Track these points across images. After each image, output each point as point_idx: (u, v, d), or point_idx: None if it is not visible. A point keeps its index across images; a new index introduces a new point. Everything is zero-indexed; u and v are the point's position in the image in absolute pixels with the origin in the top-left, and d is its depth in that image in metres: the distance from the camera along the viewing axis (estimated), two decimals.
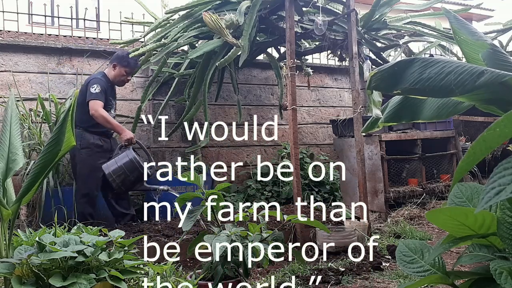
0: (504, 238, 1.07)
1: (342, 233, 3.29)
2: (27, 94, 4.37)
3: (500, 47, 1.38)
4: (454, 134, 4.98)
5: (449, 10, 1.54)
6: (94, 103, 3.67)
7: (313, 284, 2.58)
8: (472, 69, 1.07)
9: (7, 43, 4.38)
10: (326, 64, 6.11)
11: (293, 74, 3.50)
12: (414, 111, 1.45)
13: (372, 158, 4.48)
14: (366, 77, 3.58)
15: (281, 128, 5.66)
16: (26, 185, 1.98)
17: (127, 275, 1.90)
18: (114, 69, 3.88)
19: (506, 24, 4.95)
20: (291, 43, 3.50)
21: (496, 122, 0.85)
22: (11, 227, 2.00)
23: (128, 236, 3.07)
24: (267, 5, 3.91)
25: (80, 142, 3.68)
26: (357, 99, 3.70)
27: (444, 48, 5.30)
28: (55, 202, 3.79)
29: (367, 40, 4.44)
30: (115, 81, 3.93)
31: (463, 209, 1.09)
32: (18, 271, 1.77)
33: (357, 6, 3.95)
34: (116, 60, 3.90)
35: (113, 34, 5.13)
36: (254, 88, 5.57)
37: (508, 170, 0.83)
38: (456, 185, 1.29)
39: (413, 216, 4.24)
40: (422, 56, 1.32)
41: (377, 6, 4.13)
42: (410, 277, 2.54)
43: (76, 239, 1.94)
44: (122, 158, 3.65)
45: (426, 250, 1.31)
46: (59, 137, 1.93)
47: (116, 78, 3.91)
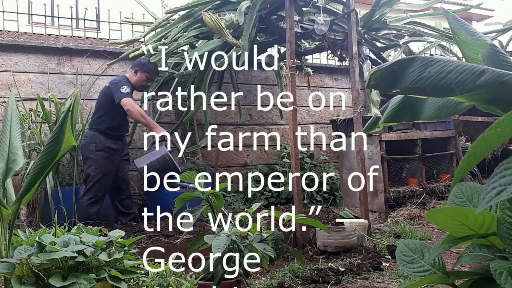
0: (504, 238, 1.07)
1: (342, 233, 3.29)
2: (27, 94, 4.37)
3: (500, 47, 1.38)
4: (454, 134, 4.98)
5: (448, 10, 1.54)
6: (128, 100, 3.75)
7: (313, 284, 2.58)
8: (473, 68, 1.07)
9: (7, 43, 4.38)
10: (326, 64, 6.11)
11: (293, 74, 3.50)
12: (414, 111, 1.44)
13: (372, 158, 4.48)
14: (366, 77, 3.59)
15: (281, 128, 5.66)
16: (26, 185, 1.98)
17: (127, 275, 1.90)
18: (135, 74, 3.97)
19: (506, 24, 4.95)
20: (291, 43, 3.50)
21: (497, 122, 0.85)
22: (11, 227, 2.00)
23: (128, 236, 3.07)
24: (267, 5, 3.91)
25: (95, 144, 3.79)
26: (357, 99, 3.70)
27: (444, 48, 5.30)
28: (55, 202, 3.78)
29: (367, 40, 4.44)
30: (136, 85, 4.01)
31: (463, 209, 1.09)
32: (18, 271, 1.77)
33: (357, 6, 3.95)
34: (138, 66, 4.00)
35: (113, 34, 5.14)
36: (254, 88, 5.57)
37: (508, 170, 0.83)
38: (456, 185, 1.29)
39: (413, 216, 4.24)
40: (422, 56, 1.32)
41: (377, 6, 4.13)
42: (410, 277, 2.54)
43: (76, 239, 1.94)
44: (154, 154, 3.68)
45: (426, 250, 1.31)
46: (59, 137, 1.92)
47: (137, 83, 3.99)
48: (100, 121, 3.85)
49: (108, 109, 3.83)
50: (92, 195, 3.73)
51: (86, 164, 3.84)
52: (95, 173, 3.76)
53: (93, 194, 3.74)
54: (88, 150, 3.80)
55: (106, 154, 3.81)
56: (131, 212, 4.02)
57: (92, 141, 3.82)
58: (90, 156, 3.79)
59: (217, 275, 1.97)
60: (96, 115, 3.90)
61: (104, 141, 3.82)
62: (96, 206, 3.74)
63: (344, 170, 4.81)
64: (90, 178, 3.76)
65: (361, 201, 3.66)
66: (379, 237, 3.61)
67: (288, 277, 2.65)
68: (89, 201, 3.72)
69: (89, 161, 3.80)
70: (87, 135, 3.90)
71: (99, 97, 3.99)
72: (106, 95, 3.86)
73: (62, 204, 3.78)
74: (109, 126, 3.85)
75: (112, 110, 3.81)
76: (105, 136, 3.83)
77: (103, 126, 3.84)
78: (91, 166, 3.78)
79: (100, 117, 3.86)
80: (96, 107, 3.99)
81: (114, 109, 3.79)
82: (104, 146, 3.81)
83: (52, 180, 3.88)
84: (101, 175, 3.77)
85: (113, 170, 3.87)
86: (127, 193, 4.06)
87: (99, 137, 3.81)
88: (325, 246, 3.27)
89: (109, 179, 3.85)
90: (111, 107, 3.81)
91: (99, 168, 3.78)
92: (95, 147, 3.78)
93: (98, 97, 4.03)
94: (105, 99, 3.86)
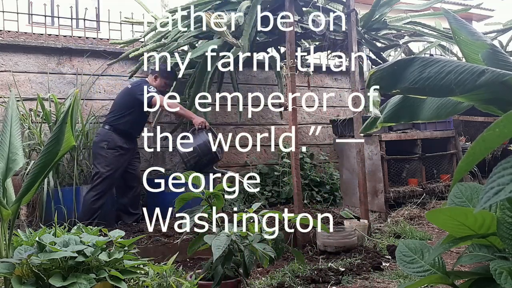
0: (504, 238, 1.07)
1: (342, 233, 3.29)
2: (27, 94, 4.37)
3: (500, 47, 1.38)
4: (454, 134, 4.98)
5: (448, 10, 1.54)
6: (160, 97, 3.82)
7: (313, 284, 2.58)
8: (473, 69, 1.07)
9: (7, 43, 4.38)
10: (326, 64, 6.11)
11: (293, 74, 3.50)
12: (413, 111, 1.44)
13: (372, 158, 4.48)
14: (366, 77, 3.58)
15: (281, 128, 5.66)
16: (26, 185, 1.98)
17: (127, 275, 1.90)
18: (155, 80, 4.04)
19: (506, 24, 4.95)
20: (291, 43, 3.50)
21: (496, 122, 0.85)
22: (11, 227, 2.00)
23: (128, 236, 3.07)
24: (267, 5, 3.91)
25: (107, 142, 3.85)
26: (357, 99, 3.70)
27: (444, 48, 5.31)
28: (55, 202, 3.79)
29: (367, 40, 4.44)
30: None
31: (463, 209, 1.09)
32: (18, 271, 1.77)
33: (357, 6, 3.95)
34: (157, 72, 4.06)
35: (113, 34, 5.13)
36: (254, 88, 5.57)
37: (507, 170, 0.83)
38: (456, 185, 1.29)
39: (413, 216, 4.24)
40: (422, 56, 1.32)
41: (377, 6, 4.13)
42: (410, 277, 2.54)
43: (76, 239, 1.94)
44: (196, 140, 3.73)
45: (426, 250, 1.31)
46: (59, 137, 1.93)
47: (157, 88, 4.03)
48: (118, 120, 3.90)
49: (129, 110, 3.89)
50: (98, 191, 3.77)
51: (96, 160, 3.89)
52: (104, 170, 3.81)
53: (100, 191, 3.78)
54: (100, 147, 3.85)
55: (117, 153, 3.87)
56: (136, 212, 4.06)
57: (104, 138, 3.86)
58: (101, 153, 3.84)
59: (217, 275, 1.97)
60: (114, 115, 3.94)
61: (117, 140, 3.87)
62: (100, 201, 3.79)
63: (344, 170, 4.81)
64: (99, 174, 3.80)
65: (361, 201, 3.66)
66: (379, 237, 3.61)
67: (288, 277, 2.65)
68: (95, 198, 3.76)
69: (99, 158, 3.85)
70: (100, 133, 3.95)
71: (120, 98, 4.02)
72: (129, 96, 3.91)
73: (62, 204, 3.79)
74: (126, 126, 3.92)
75: (134, 111, 3.88)
76: (119, 135, 3.89)
77: (119, 125, 3.90)
78: (101, 163, 3.83)
79: (118, 117, 3.90)
80: (114, 107, 4.02)
81: (135, 111, 3.86)
82: (116, 145, 3.86)
83: (52, 180, 3.88)
84: (110, 172, 3.82)
85: (122, 169, 3.93)
86: (137, 191, 4.11)
87: (112, 136, 3.87)
88: (325, 246, 3.27)
89: (116, 176, 3.90)
90: (132, 109, 3.87)
91: (109, 165, 3.83)
92: (106, 145, 3.84)
93: (118, 97, 4.07)
94: (127, 100, 3.91)
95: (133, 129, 4.02)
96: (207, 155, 3.67)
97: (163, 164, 4.95)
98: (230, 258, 2.01)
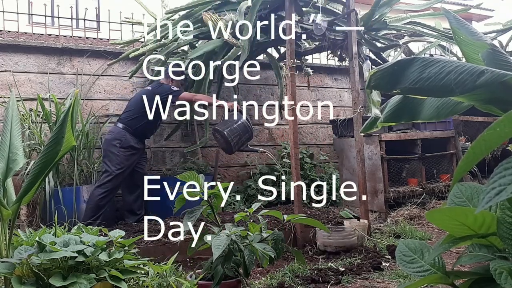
0: (504, 238, 1.07)
1: (342, 233, 3.29)
2: (27, 94, 4.37)
3: (500, 47, 1.38)
4: (454, 134, 4.98)
5: (448, 10, 1.54)
6: (186, 93, 3.98)
7: (313, 284, 2.58)
8: (473, 69, 1.07)
9: (7, 43, 4.38)
10: (326, 64, 6.11)
11: (293, 74, 3.50)
12: (413, 111, 1.44)
13: (372, 158, 4.48)
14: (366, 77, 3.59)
15: (281, 128, 5.66)
16: (26, 185, 1.98)
17: (127, 275, 1.90)
18: (172, 82, 4.08)
19: (506, 24, 4.95)
20: (291, 43, 3.50)
21: (496, 122, 0.85)
22: (11, 227, 2.00)
23: (128, 236, 3.07)
24: (267, 5, 3.91)
25: (120, 141, 3.89)
26: (357, 99, 3.70)
27: (444, 48, 5.30)
28: (55, 202, 3.79)
29: (367, 40, 4.44)
30: None
31: (463, 209, 1.09)
32: (18, 271, 1.77)
33: (357, 6, 3.95)
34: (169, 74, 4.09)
35: (113, 34, 5.13)
36: (254, 88, 5.57)
37: (508, 170, 0.83)
38: (456, 185, 1.29)
39: (413, 216, 4.24)
40: (422, 56, 1.32)
41: (377, 6, 4.13)
42: (410, 277, 2.54)
43: (76, 239, 1.94)
44: (234, 121, 3.89)
45: (426, 250, 1.31)
46: (59, 137, 1.93)
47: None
48: (134, 121, 3.94)
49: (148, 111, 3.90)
50: (106, 189, 3.80)
51: (106, 158, 3.91)
52: (115, 169, 3.84)
53: (108, 189, 3.82)
54: (112, 145, 3.88)
55: (128, 152, 3.91)
56: (139, 212, 4.09)
57: (117, 137, 3.90)
58: (113, 151, 3.88)
59: (217, 275, 1.97)
60: (130, 115, 3.97)
61: (130, 139, 3.92)
62: (107, 198, 3.81)
63: (344, 170, 4.82)
64: (110, 173, 3.84)
65: (361, 201, 3.66)
66: (379, 237, 3.61)
67: (288, 277, 2.66)
68: (102, 195, 3.78)
69: (110, 156, 3.88)
70: (113, 131, 3.98)
71: (138, 100, 4.00)
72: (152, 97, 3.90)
73: (62, 204, 3.79)
74: (140, 128, 3.96)
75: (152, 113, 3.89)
76: (132, 135, 3.93)
77: (134, 126, 3.94)
78: (112, 161, 3.86)
79: (136, 117, 3.94)
80: (131, 108, 4.03)
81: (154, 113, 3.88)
82: (128, 144, 3.91)
83: (52, 180, 3.88)
84: (121, 171, 3.86)
85: (131, 168, 3.97)
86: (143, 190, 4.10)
87: (125, 135, 3.91)
88: (325, 246, 3.27)
89: (125, 175, 3.93)
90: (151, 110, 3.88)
91: (120, 164, 3.86)
92: (119, 143, 3.88)
93: (135, 99, 4.08)
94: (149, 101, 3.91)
95: (148, 131, 4.11)
96: (246, 134, 3.90)
97: (163, 164, 4.96)
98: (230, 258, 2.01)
